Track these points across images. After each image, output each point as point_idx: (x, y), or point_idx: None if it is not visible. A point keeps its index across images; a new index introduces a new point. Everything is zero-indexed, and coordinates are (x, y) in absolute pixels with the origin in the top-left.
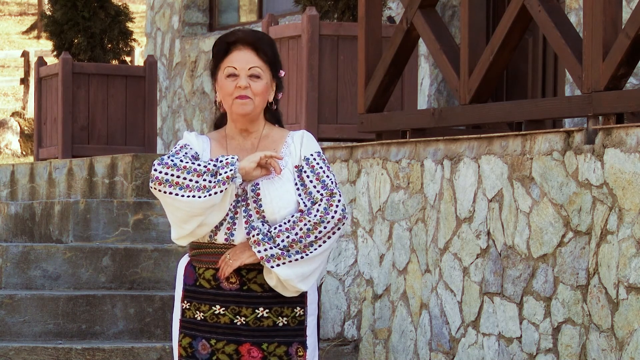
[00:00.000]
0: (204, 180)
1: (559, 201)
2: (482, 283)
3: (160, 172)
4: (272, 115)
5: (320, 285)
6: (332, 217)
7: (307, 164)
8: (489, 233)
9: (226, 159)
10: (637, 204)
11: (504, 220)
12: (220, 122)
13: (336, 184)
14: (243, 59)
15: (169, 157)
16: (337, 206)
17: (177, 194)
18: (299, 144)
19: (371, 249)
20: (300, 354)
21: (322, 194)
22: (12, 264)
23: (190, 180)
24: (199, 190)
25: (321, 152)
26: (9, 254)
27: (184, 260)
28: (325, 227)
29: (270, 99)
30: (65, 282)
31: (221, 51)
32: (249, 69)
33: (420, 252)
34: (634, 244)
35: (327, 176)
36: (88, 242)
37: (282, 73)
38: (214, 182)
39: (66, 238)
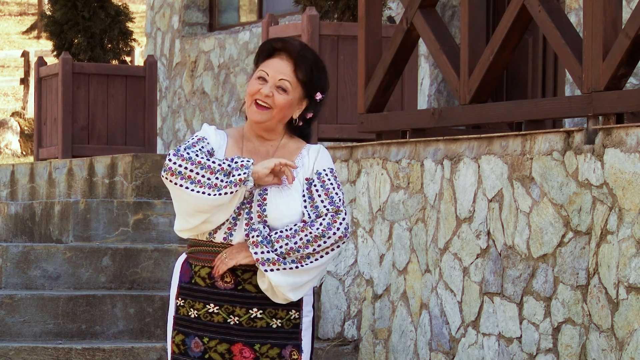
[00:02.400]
0: (217, 178)
1: (559, 201)
2: (482, 283)
3: (175, 163)
4: (295, 129)
5: (320, 285)
6: (334, 233)
7: (318, 178)
8: (489, 233)
9: (241, 161)
10: (637, 204)
11: (504, 220)
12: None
13: (343, 202)
14: (278, 69)
15: (185, 149)
16: (340, 224)
17: (187, 188)
18: (313, 158)
19: (371, 249)
20: (295, 357)
21: (328, 209)
22: (12, 264)
23: (203, 176)
24: (209, 188)
25: (334, 169)
26: (9, 254)
27: (181, 258)
28: (325, 242)
29: (295, 116)
30: (65, 282)
31: (265, 52)
32: (278, 80)
33: (420, 252)
34: (634, 244)
35: (336, 193)
36: (88, 242)
37: (319, 96)
38: (226, 182)
39: (66, 238)
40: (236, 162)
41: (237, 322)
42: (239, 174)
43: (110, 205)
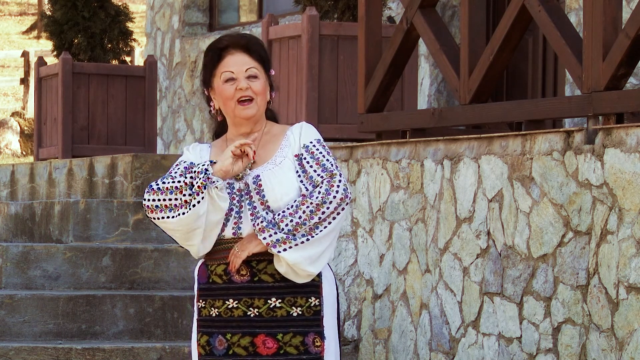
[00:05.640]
0: (184, 195)
1: (559, 201)
2: (482, 283)
3: (150, 200)
4: (271, 112)
5: None
6: (334, 197)
7: (306, 151)
8: (489, 233)
9: (197, 169)
10: (637, 204)
11: (504, 220)
12: (220, 131)
13: (336, 166)
14: (238, 62)
15: (155, 182)
16: (338, 186)
17: (167, 217)
18: (297, 134)
19: (371, 249)
20: (318, 344)
21: (322, 177)
22: (12, 264)
23: (176, 199)
24: (182, 207)
25: (321, 139)
26: (9, 254)
27: (199, 262)
28: (328, 208)
29: (268, 97)
30: (65, 282)
31: (214, 58)
32: (246, 71)
33: (420, 252)
34: (634, 244)
35: (327, 160)
36: (88, 242)
37: (272, 72)
38: (191, 195)
39: (66, 238)
40: (195, 171)
41: (257, 313)
42: (197, 182)
43: (110, 205)
